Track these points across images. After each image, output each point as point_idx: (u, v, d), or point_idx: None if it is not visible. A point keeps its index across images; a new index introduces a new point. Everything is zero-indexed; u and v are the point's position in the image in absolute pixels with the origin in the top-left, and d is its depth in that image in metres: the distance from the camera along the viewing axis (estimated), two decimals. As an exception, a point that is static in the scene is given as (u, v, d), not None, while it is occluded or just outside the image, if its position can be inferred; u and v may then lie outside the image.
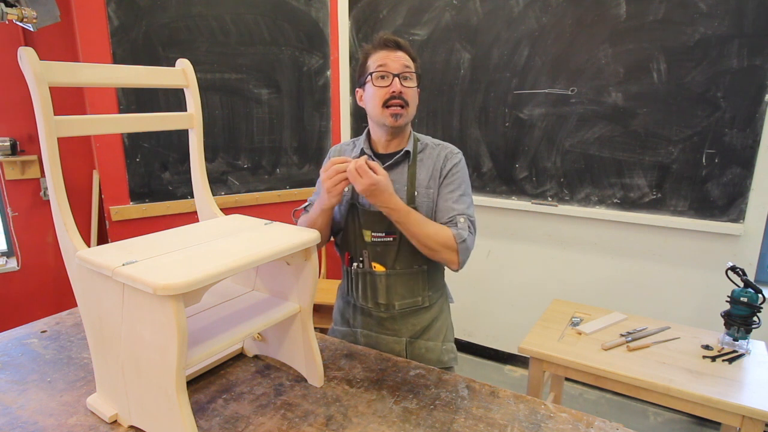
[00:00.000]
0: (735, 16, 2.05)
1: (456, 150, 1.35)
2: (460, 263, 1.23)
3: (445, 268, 1.38)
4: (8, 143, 2.40)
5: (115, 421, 0.97)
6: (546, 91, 2.49)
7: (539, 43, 2.45)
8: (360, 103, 1.35)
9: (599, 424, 1.00)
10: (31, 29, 1.86)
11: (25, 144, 2.49)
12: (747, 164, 2.12)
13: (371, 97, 1.28)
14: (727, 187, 2.18)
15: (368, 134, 1.38)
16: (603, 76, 2.34)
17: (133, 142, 2.39)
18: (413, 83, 1.28)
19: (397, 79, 1.25)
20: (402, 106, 1.26)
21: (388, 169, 1.31)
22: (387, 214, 1.18)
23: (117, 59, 2.26)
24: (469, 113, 2.71)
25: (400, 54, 1.26)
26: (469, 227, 1.26)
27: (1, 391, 1.07)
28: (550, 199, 2.60)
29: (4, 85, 2.40)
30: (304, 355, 1.12)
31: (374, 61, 1.27)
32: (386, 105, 1.25)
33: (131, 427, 0.96)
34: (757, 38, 2.03)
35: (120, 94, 2.31)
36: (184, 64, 1.17)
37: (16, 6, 1.72)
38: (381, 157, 1.34)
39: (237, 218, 1.16)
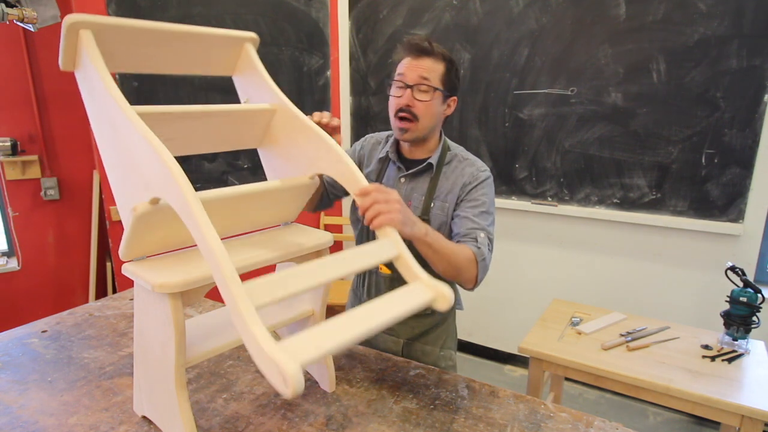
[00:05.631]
0: (735, 16, 2.05)
1: (483, 168, 1.27)
2: (477, 282, 1.16)
3: None
4: (9, 143, 2.39)
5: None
6: (546, 91, 2.49)
7: (539, 43, 2.46)
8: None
9: (599, 424, 1.00)
10: (32, 29, 1.86)
11: (25, 144, 2.49)
12: (746, 164, 2.13)
13: (389, 105, 1.26)
14: (726, 187, 2.18)
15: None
16: (603, 77, 2.34)
17: (134, 142, 2.39)
18: (427, 96, 1.20)
19: (409, 90, 1.19)
20: (410, 120, 1.21)
21: (410, 176, 1.29)
22: (415, 238, 1.01)
23: (117, 59, 2.26)
24: (469, 113, 2.71)
25: (424, 61, 1.19)
26: (488, 244, 1.20)
27: (2, 391, 1.07)
28: (550, 199, 2.60)
29: (5, 85, 2.40)
30: (317, 364, 1.12)
31: (399, 68, 1.22)
32: (396, 116, 1.22)
33: (143, 417, 0.97)
34: (757, 38, 2.03)
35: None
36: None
37: (16, 6, 1.72)
38: (406, 162, 1.31)
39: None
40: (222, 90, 2.58)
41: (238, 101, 1.10)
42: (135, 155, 0.77)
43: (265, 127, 1.02)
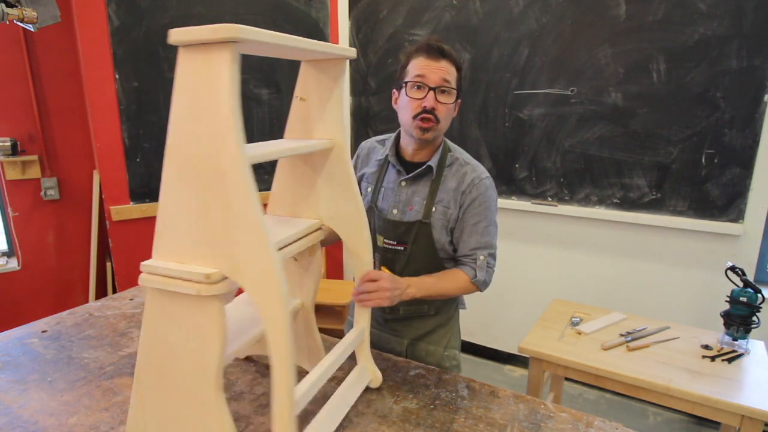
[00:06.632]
0: (735, 16, 2.05)
1: (484, 175, 1.27)
2: (481, 291, 1.32)
3: None
4: (9, 143, 2.39)
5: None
6: (546, 91, 2.49)
7: (539, 43, 2.46)
8: (394, 105, 1.30)
9: (599, 424, 1.00)
10: (32, 29, 1.86)
11: (25, 144, 2.49)
12: (746, 164, 2.13)
13: (403, 106, 1.24)
14: (726, 187, 2.18)
15: (397, 138, 1.34)
16: (603, 77, 2.34)
17: (134, 142, 2.39)
18: (450, 98, 1.22)
19: (432, 93, 1.19)
20: (432, 121, 1.20)
21: (411, 180, 1.29)
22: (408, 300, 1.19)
23: (117, 59, 2.26)
24: (469, 113, 2.71)
25: (443, 64, 1.20)
26: (488, 263, 1.26)
27: (2, 391, 1.07)
28: (549, 199, 2.60)
29: (5, 85, 2.40)
30: (308, 352, 1.12)
31: (414, 68, 1.21)
32: (416, 117, 1.21)
33: None
34: (757, 38, 2.03)
35: (120, 94, 2.31)
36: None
37: (17, 6, 1.72)
38: (406, 165, 1.31)
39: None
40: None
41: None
42: (236, 223, 0.74)
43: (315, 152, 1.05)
